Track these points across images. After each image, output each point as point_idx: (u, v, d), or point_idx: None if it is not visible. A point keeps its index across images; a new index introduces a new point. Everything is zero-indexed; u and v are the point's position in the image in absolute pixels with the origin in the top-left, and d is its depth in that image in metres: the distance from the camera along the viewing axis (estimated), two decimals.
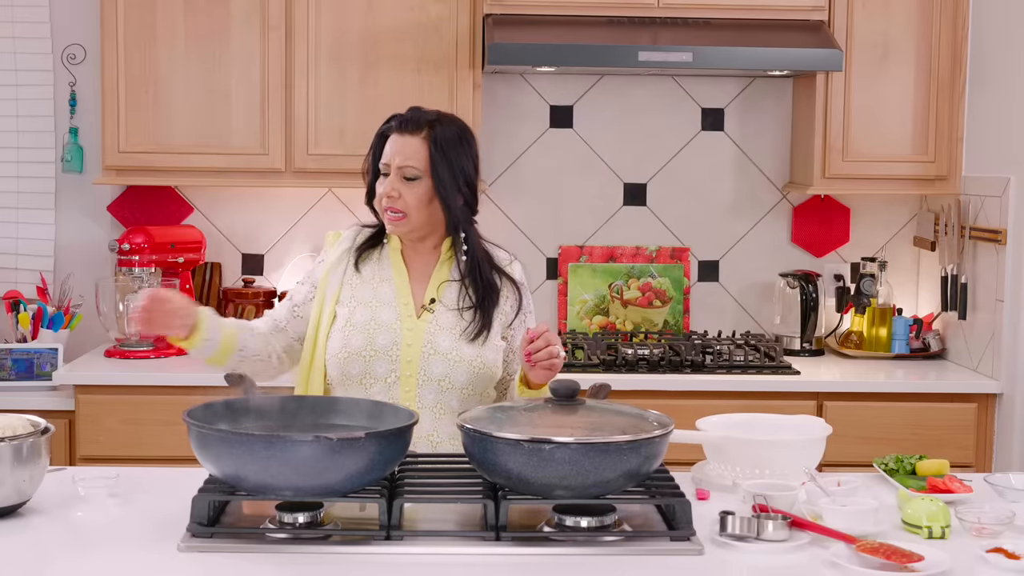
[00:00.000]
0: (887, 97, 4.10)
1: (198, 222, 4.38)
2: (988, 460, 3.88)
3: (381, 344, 2.70)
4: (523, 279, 2.87)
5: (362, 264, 2.81)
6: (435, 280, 2.78)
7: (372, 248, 2.82)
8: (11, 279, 4.32)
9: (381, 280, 2.79)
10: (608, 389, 2.59)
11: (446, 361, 2.70)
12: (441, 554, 2.14)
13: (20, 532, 2.25)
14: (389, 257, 2.81)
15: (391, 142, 2.75)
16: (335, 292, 2.78)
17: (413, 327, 2.72)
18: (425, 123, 2.75)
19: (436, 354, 2.70)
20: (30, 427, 2.36)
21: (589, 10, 4.01)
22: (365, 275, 2.80)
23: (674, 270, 4.44)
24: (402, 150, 2.72)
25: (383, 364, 2.70)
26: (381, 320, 2.72)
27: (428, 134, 2.73)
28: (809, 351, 4.32)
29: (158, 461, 3.50)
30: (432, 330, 2.72)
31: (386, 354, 2.70)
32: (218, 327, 2.68)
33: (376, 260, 2.82)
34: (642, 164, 4.46)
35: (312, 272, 2.86)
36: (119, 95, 3.99)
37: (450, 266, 2.79)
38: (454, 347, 2.71)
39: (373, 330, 2.71)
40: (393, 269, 2.79)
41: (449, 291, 2.77)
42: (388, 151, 2.74)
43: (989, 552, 2.13)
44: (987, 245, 3.96)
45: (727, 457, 2.57)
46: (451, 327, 2.73)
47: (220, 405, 2.39)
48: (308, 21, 4.01)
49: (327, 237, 2.91)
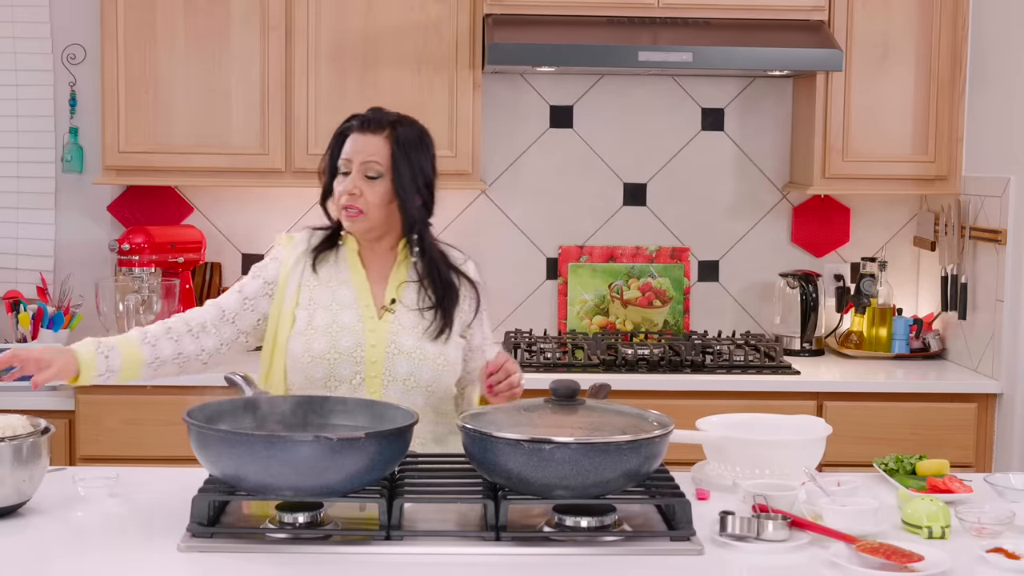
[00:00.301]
0: (887, 97, 4.10)
1: (198, 222, 4.38)
2: (988, 460, 3.88)
3: (345, 346, 2.69)
4: (478, 278, 2.88)
5: (319, 266, 2.79)
6: (393, 280, 2.78)
7: (328, 250, 2.81)
8: (11, 279, 4.31)
9: (339, 283, 2.77)
10: (608, 389, 2.59)
11: (410, 360, 2.70)
12: (441, 554, 2.14)
13: (20, 532, 2.25)
14: (346, 259, 2.80)
15: (352, 140, 2.75)
16: (293, 295, 2.75)
17: (375, 328, 2.72)
18: (387, 123, 2.76)
19: (400, 353, 2.70)
20: (30, 427, 2.36)
21: (589, 10, 4.01)
22: (322, 277, 2.78)
23: (674, 270, 4.44)
24: (364, 148, 2.73)
25: (348, 366, 2.69)
26: (343, 322, 2.71)
27: (390, 134, 2.75)
28: (809, 351, 4.32)
29: (158, 461, 3.50)
30: (395, 330, 2.72)
31: (350, 356, 2.69)
32: (110, 353, 2.63)
33: (332, 262, 2.80)
34: (642, 164, 4.46)
35: (265, 267, 2.81)
36: (119, 95, 3.99)
37: (407, 266, 2.79)
38: (417, 346, 2.71)
39: (336, 333, 2.70)
40: (351, 271, 2.78)
41: (408, 292, 2.77)
42: (349, 149, 2.75)
43: (989, 552, 2.13)
44: (987, 245, 3.96)
45: (727, 457, 2.57)
46: (413, 326, 2.73)
47: (221, 405, 2.39)
48: (308, 21, 4.01)
49: (278, 239, 2.87)
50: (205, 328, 2.74)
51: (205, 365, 2.76)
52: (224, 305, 2.78)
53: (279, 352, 2.73)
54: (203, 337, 2.73)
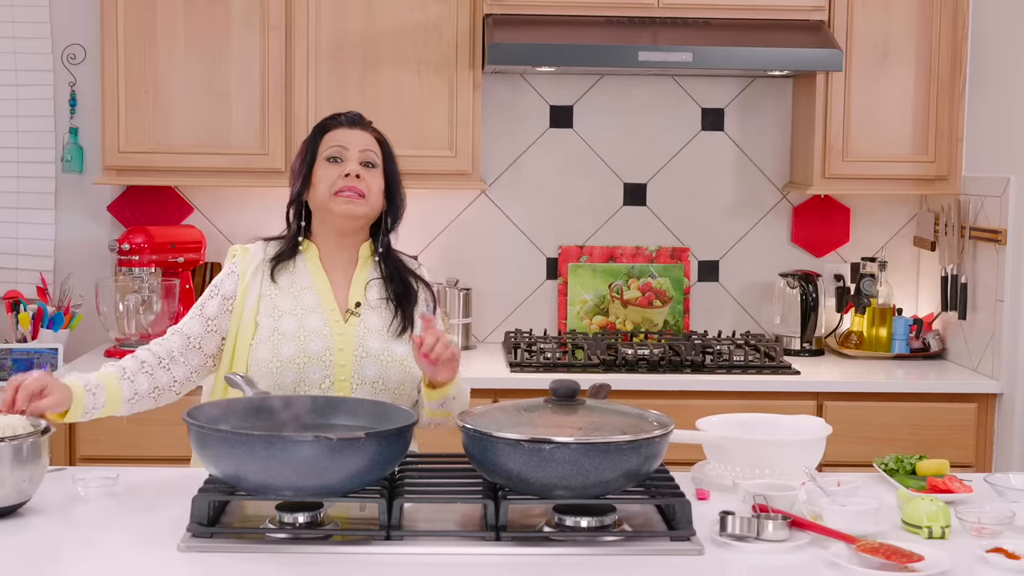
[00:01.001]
0: (887, 97, 4.10)
1: (198, 222, 4.38)
2: (988, 460, 3.88)
3: (314, 350, 2.68)
4: (430, 279, 2.91)
5: (277, 275, 2.77)
6: (357, 282, 2.78)
7: (287, 259, 2.79)
8: (11, 279, 4.32)
9: (301, 288, 2.76)
10: (608, 389, 2.59)
11: (378, 363, 2.70)
12: (441, 554, 2.14)
13: (20, 532, 2.25)
14: (306, 266, 2.79)
15: (340, 134, 2.80)
16: (254, 304, 2.73)
17: (343, 331, 2.71)
18: (368, 124, 2.86)
19: (368, 356, 2.70)
20: (30, 427, 2.36)
21: (589, 10, 4.01)
22: (282, 285, 2.76)
23: (674, 270, 4.44)
24: (359, 139, 2.79)
25: (317, 370, 2.68)
26: (310, 327, 2.70)
27: (374, 133, 2.84)
28: (809, 351, 4.32)
29: (158, 461, 3.49)
30: (361, 333, 2.72)
31: (319, 360, 2.68)
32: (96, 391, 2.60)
33: (291, 271, 2.78)
34: (642, 164, 4.46)
35: (223, 282, 2.79)
36: (119, 95, 3.99)
37: (369, 267, 2.81)
38: (384, 348, 2.71)
39: (304, 337, 2.69)
40: (312, 276, 2.77)
41: (372, 290, 2.78)
42: (342, 139, 2.78)
43: (989, 552, 2.13)
44: (987, 245, 3.96)
45: (727, 457, 2.57)
46: (379, 329, 2.73)
47: (221, 405, 2.39)
48: (308, 21, 4.01)
49: (231, 251, 2.85)
50: (173, 358, 2.72)
51: (178, 395, 2.76)
52: (188, 331, 2.75)
53: (239, 361, 2.71)
54: (173, 368, 2.72)
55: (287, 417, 2.43)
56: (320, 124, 2.86)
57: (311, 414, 2.45)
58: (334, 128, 2.82)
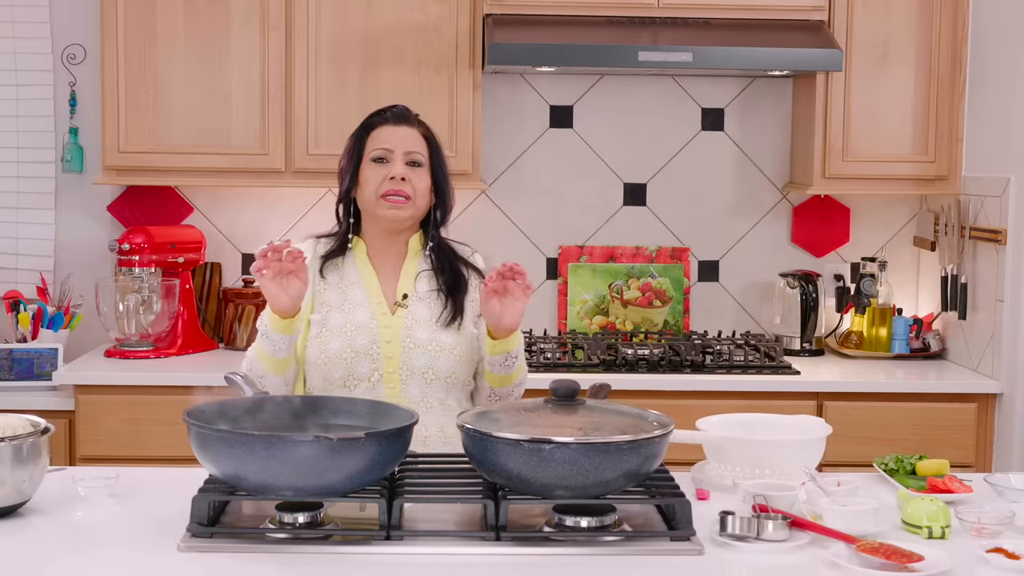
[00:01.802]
0: (887, 97, 4.10)
1: (198, 222, 4.38)
2: (988, 460, 3.88)
3: (360, 344, 2.70)
4: (486, 268, 2.89)
5: (327, 272, 2.80)
6: (406, 274, 2.80)
7: (336, 256, 2.81)
8: (11, 279, 4.31)
9: (349, 284, 2.78)
10: (608, 389, 2.59)
11: (426, 352, 2.71)
12: (441, 554, 2.14)
13: (20, 532, 2.25)
14: (354, 261, 2.81)
15: (386, 132, 2.79)
16: (308, 304, 2.75)
17: (390, 323, 2.73)
18: (414, 118, 2.84)
19: (416, 347, 2.72)
20: (30, 427, 2.36)
21: (589, 10, 4.01)
22: (331, 281, 2.79)
23: (674, 270, 4.44)
24: (405, 138, 2.78)
25: (365, 363, 2.70)
26: (357, 321, 2.72)
27: (421, 129, 2.82)
28: (809, 351, 4.32)
29: (158, 461, 3.50)
30: (409, 323, 2.73)
31: (367, 353, 2.70)
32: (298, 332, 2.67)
33: (339, 267, 2.81)
34: (642, 164, 4.46)
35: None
36: (119, 95, 3.99)
37: (418, 260, 2.82)
38: (432, 337, 2.73)
39: (350, 331, 2.71)
40: (360, 272, 2.79)
41: (422, 281, 2.79)
42: (387, 139, 2.77)
43: (989, 552, 2.13)
44: (987, 245, 3.96)
45: (727, 457, 2.57)
46: (427, 319, 2.75)
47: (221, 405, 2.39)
48: (308, 21, 4.01)
49: None
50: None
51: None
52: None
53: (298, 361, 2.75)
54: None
55: (287, 417, 2.43)
56: (366, 121, 2.84)
57: (311, 414, 2.45)
58: (380, 125, 2.80)
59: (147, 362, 4.00)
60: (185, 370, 3.89)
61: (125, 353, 4.04)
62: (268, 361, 2.66)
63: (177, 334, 4.14)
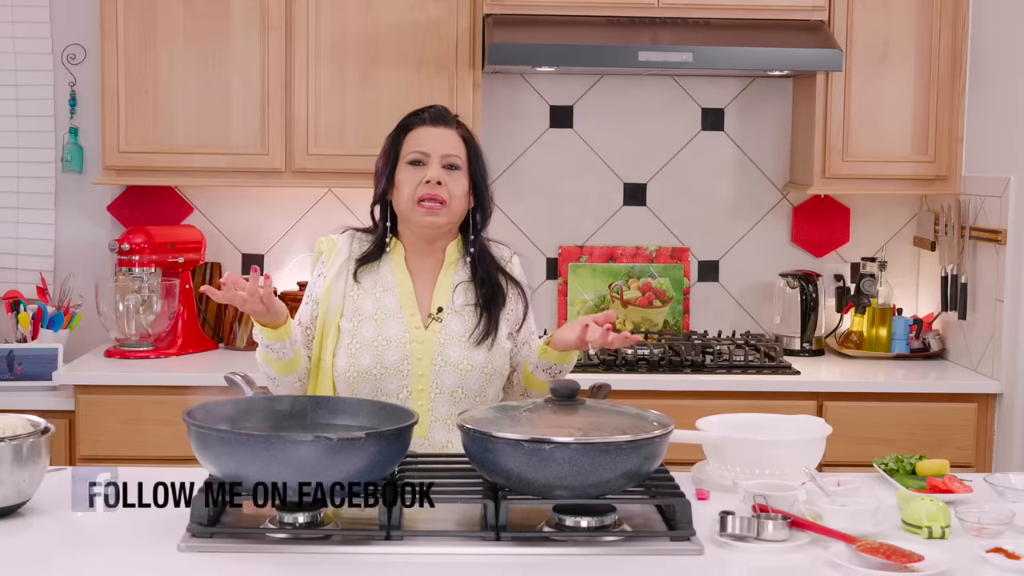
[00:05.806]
0: (887, 97, 4.10)
1: (198, 222, 4.38)
2: (988, 460, 3.88)
3: (391, 361, 2.66)
4: (523, 276, 2.85)
5: (361, 275, 2.74)
6: (442, 285, 2.74)
7: (373, 260, 2.75)
8: (11, 279, 4.31)
9: (384, 290, 2.73)
10: (608, 389, 2.59)
11: (457, 372, 2.67)
12: (441, 554, 2.14)
13: (20, 532, 2.25)
14: (391, 266, 2.75)
15: (424, 134, 2.72)
16: (338, 306, 2.71)
17: (422, 339, 2.68)
18: (452, 119, 2.77)
19: (447, 366, 2.67)
20: (30, 427, 2.36)
21: (589, 10, 4.00)
22: (366, 286, 2.73)
23: (674, 270, 4.44)
24: (443, 141, 2.71)
25: (394, 380, 2.66)
26: (389, 335, 2.67)
27: (459, 130, 2.75)
28: (809, 351, 4.32)
29: (158, 461, 3.49)
30: (441, 340, 2.68)
31: (397, 370, 2.66)
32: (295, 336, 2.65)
33: (375, 271, 2.75)
34: (642, 164, 4.46)
35: (312, 288, 2.78)
36: (119, 95, 3.99)
37: (455, 269, 2.76)
38: (464, 356, 2.68)
39: (381, 347, 2.66)
40: (396, 277, 2.74)
41: (459, 293, 2.74)
42: (424, 141, 2.71)
43: (989, 552, 2.13)
44: (987, 245, 3.96)
45: (727, 457, 2.57)
46: (460, 334, 2.70)
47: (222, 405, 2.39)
48: (308, 21, 4.00)
49: (319, 245, 2.83)
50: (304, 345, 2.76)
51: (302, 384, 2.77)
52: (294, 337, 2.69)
53: (324, 366, 2.70)
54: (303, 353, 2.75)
55: (288, 417, 2.43)
56: (403, 122, 2.77)
57: (312, 414, 2.45)
58: (417, 127, 2.74)
59: (147, 362, 4.00)
60: (185, 370, 3.89)
61: (125, 353, 4.04)
62: (276, 364, 2.66)
63: (177, 334, 4.14)
